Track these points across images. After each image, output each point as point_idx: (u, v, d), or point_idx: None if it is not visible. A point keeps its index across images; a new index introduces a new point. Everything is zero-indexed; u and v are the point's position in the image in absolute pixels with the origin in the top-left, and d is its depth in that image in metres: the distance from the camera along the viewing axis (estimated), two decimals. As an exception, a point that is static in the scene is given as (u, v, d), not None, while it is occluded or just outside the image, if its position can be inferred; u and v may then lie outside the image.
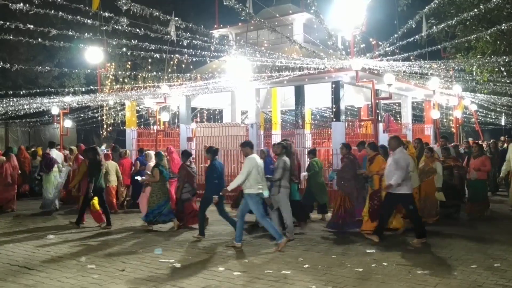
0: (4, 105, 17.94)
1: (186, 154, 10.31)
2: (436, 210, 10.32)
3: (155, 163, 10.42)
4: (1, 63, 12.08)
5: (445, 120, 23.89)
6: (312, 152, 11.21)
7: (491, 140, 18.77)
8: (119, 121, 23.24)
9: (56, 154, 13.58)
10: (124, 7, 8.64)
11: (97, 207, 10.40)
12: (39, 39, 10.74)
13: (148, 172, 10.59)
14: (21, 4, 8.76)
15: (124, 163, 13.26)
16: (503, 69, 16.10)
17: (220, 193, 8.80)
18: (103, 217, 10.38)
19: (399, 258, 7.33)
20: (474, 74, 17.03)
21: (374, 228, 8.74)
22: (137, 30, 10.04)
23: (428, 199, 10.16)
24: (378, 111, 14.99)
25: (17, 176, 13.34)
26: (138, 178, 11.09)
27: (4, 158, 12.85)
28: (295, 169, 9.64)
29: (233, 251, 7.96)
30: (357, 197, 9.62)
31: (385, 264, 6.95)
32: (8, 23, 9.15)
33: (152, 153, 11.57)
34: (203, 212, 9.18)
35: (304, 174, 11.30)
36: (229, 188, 8.31)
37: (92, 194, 10.24)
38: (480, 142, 15.19)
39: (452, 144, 13.79)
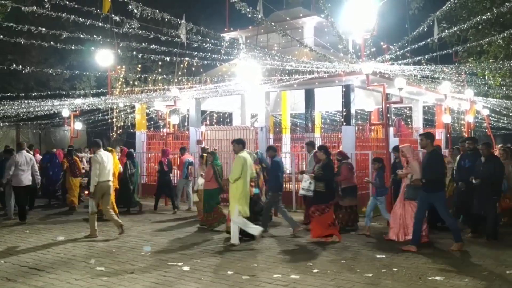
0: (16, 107, 18.11)
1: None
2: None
3: None
4: (14, 65, 12.20)
5: (456, 124, 23.69)
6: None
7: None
8: (129, 124, 23.36)
9: None
10: (135, 11, 8.69)
11: None
12: (51, 42, 10.84)
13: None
14: (34, 7, 8.85)
15: None
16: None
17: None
18: None
19: (409, 263, 7.26)
20: (487, 78, 16.85)
21: None
22: (148, 33, 10.08)
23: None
24: (388, 115, 14.85)
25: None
26: None
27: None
28: None
29: (241, 255, 7.94)
30: None
31: (395, 269, 6.88)
32: (20, 26, 9.24)
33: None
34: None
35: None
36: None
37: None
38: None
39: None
